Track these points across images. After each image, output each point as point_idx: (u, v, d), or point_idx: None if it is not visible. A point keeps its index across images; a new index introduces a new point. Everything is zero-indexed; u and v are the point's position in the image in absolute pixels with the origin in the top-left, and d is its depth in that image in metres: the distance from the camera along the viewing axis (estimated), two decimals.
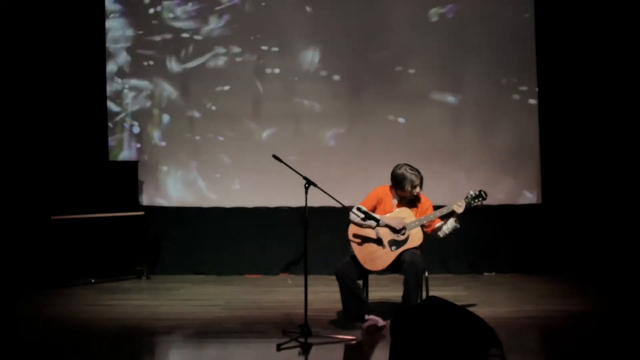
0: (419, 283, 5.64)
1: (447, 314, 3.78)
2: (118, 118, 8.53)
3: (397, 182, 5.75)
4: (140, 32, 8.50)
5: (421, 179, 5.76)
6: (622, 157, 8.00)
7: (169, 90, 8.51)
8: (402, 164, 5.79)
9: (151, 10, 8.48)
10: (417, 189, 5.76)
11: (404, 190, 5.73)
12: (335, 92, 8.37)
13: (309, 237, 5.42)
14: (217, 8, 8.43)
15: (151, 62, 8.50)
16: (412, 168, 5.76)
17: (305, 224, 5.39)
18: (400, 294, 5.67)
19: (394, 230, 5.67)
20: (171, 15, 8.46)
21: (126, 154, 8.50)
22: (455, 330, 3.67)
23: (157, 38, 8.49)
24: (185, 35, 8.47)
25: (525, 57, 8.22)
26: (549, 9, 8.13)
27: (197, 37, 8.46)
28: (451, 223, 5.76)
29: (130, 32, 8.51)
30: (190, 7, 8.45)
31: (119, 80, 8.52)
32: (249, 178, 8.43)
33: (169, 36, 8.48)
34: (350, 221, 5.73)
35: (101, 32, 8.44)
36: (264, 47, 8.41)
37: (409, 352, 3.71)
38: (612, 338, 5.37)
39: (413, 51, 8.30)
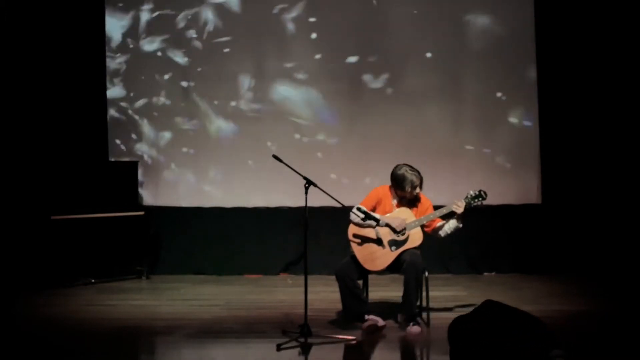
0: (419, 283, 5.64)
1: (506, 317, 3.75)
2: (118, 118, 8.53)
3: (397, 182, 5.74)
4: (141, 31, 8.50)
5: (421, 179, 5.75)
6: (622, 157, 8.00)
7: (169, 89, 8.51)
8: (402, 165, 5.79)
9: (152, 9, 8.49)
10: (417, 190, 5.75)
11: (404, 190, 5.72)
12: (336, 92, 8.37)
13: (309, 237, 5.42)
14: (218, 9, 8.44)
15: (151, 62, 8.50)
16: (412, 168, 5.75)
17: (305, 224, 5.39)
18: (400, 294, 5.67)
19: (394, 230, 5.67)
20: (172, 15, 8.48)
21: (126, 153, 8.50)
22: (514, 332, 3.64)
23: (158, 37, 8.50)
24: (185, 34, 8.47)
25: (526, 57, 8.21)
26: (549, 9, 8.13)
27: (197, 37, 8.46)
28: (453, 223, 5.75)
29: (130, 31, 8.51)
30: (190, 7, 8.47)
31: (119, 80, 8.52)
32: (249, 178, 8.43)
33: (169, 36, 8.48)
34: (350, 221, 5.73)
35: (101, 31, 8.44)
36: (264, 47, 8.41)
37: (469, 357, 3.67)
38: (612, 338, 5.37)
39: (413, 51, 8.30)
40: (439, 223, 5.82)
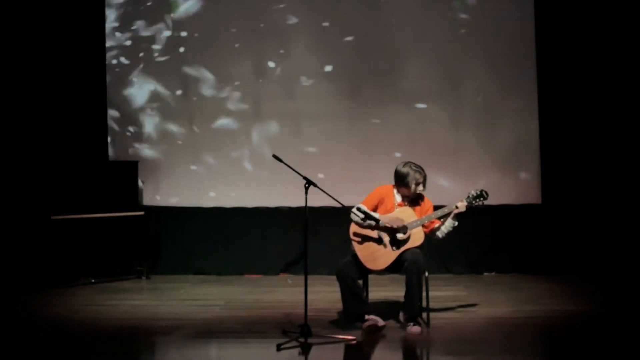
0: (420, 283, 5.63)
1: None
2: (118, 118, 8.53)
3: (401, 179, 5.73)
4: (140, 30, 8.50)
5: (425, 176, 5.74)
6: (622, 157, 8.00)
7: (169, 89, 8.50)
8: (406, 162, 5.78)
9: (152, 9, 8.50)
10: (421, 187, 5.74)
11: (408, 187, 5.71)
12: (335, 92, 8.37)
13: (309, 237, 5.42)
14: (218, 9, 8.44)
15: (151, 62, 8.50)
16: (416, 166, 5.75)
17: (305, 224, 5.39)
18: (400, 293, 5.68)
19: (395, 229, 5.66)
20: (172, 15, 8.48)
21: (126, 153, 8.51)
22: None
23: (157, 37, 8.50)
24: (185, 34, 8.47)
25: (526, 57, 8.21)
26: (549, 10, 8.13)
27: (197, 37, 8.46)
28: (449, 222, 5.74)
29: (130, 31, 8.51)
30: (190, 7, 8.47)
31: (119, 80, 8.52)
32: (249, 178, 8.43)
33: (168, 36, 8.48)
34: (350, 220, 5.72)
35: (101, 31, 8.44)
36: (265, 47, 8.41)
37: None
38: (612, 338, 5.37)
39: (414, 51, 8.30)
40: (437, 224, 5.81)
